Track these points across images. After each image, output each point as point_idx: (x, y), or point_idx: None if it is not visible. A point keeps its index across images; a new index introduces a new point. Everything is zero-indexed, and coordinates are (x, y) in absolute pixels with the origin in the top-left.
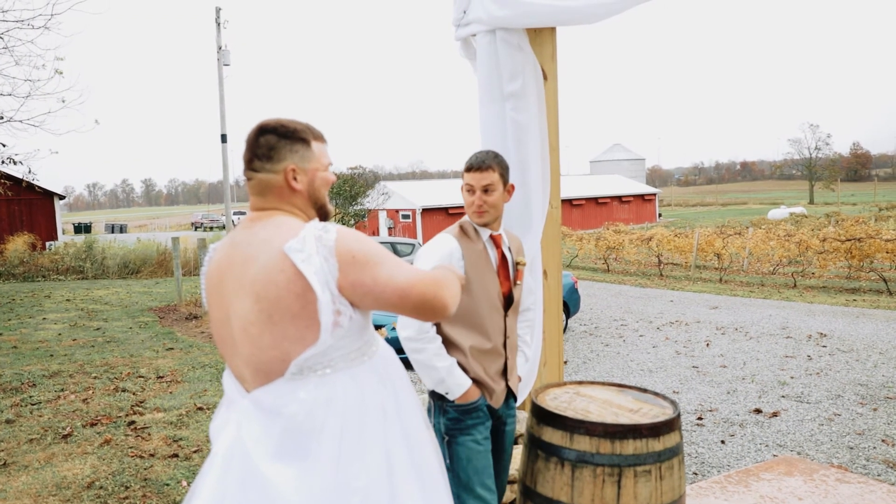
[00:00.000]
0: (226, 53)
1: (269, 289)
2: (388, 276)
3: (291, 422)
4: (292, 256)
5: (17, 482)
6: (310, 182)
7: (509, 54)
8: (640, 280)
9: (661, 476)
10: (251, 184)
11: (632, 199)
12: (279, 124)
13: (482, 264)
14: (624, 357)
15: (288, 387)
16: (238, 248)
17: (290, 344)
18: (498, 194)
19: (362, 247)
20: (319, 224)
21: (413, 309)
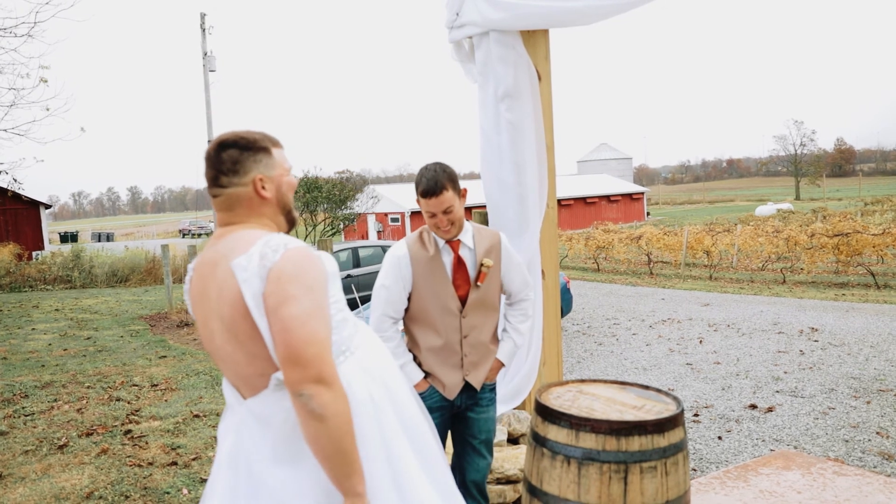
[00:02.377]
0: (211, 59)
1: (224, 309)
2: (291, 314)
3: (281, 430)
4: (237, 275)
5: (14, 494)
6: (277, 188)
7: (503, 56)
8: (630, 279)
9: (666, 472)
10: (219, 200)
11: (620, 199)
12: (238, 137)
13: (433, 270)
14: (618, 356)
15: (273, 397)
16: (207, 267)
17: (261, 362)
18: (457, 208)
19: (294, 273)
20: (276, 242)
21: (282, 358)
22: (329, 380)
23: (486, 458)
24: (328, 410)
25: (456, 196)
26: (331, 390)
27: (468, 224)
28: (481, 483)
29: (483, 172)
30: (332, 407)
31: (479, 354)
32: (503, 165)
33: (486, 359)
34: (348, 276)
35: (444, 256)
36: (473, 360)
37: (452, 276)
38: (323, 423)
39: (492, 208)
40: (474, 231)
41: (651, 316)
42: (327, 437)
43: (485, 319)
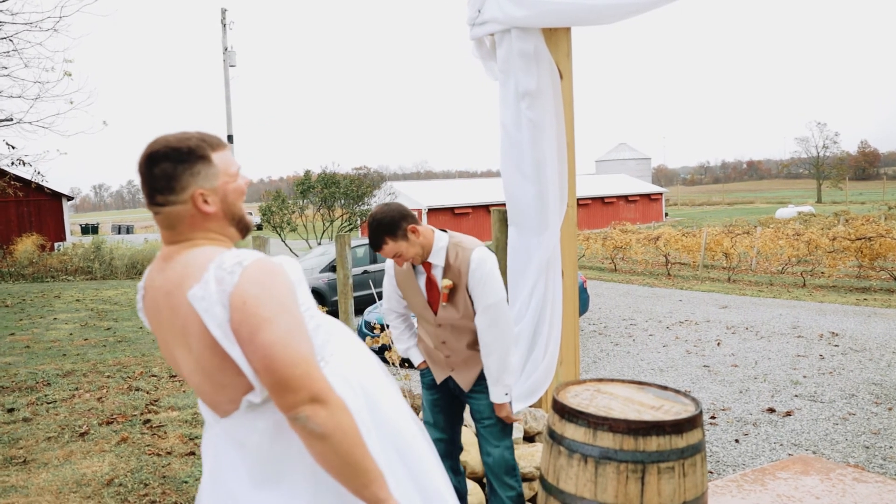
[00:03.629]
0: (232, 54)
1: (191, 341)
2: (270, 340)
3: (257, 453)
4: (196, 306)
5: (38, 479)
6: (223, 200)
7: (524, 53)
8: (648, 280)
9: (684, 473)
10: (159, 219)
11: (638, 199)
12: (169, 147)
13: (410, 285)
14: (634, 356)
15: (246, 418)
16: (160, 294)
17: (230, 390)
18: (405, 249)
19: (260, 295)
20: (230, 262)
21: (269, 386)
22: (323, 396)
23: (491, 443)
24: (329, 427)
25: (401, 242)
26: (327, 407)
27: (442, 241)
28: (495, 467)
29: (503, 170)
30: (331, 423)
31: (460, 358)
32: (523, 163)
33: (470, 362)
34: (365, 272)
35: (418, 276)
36: (456, 361)
37: (426, 293)
38: (326, 441)
39: (511, 206)
40: (449, 249)
41: (668, 317)
42: (334, 453)
43: (461, 332)
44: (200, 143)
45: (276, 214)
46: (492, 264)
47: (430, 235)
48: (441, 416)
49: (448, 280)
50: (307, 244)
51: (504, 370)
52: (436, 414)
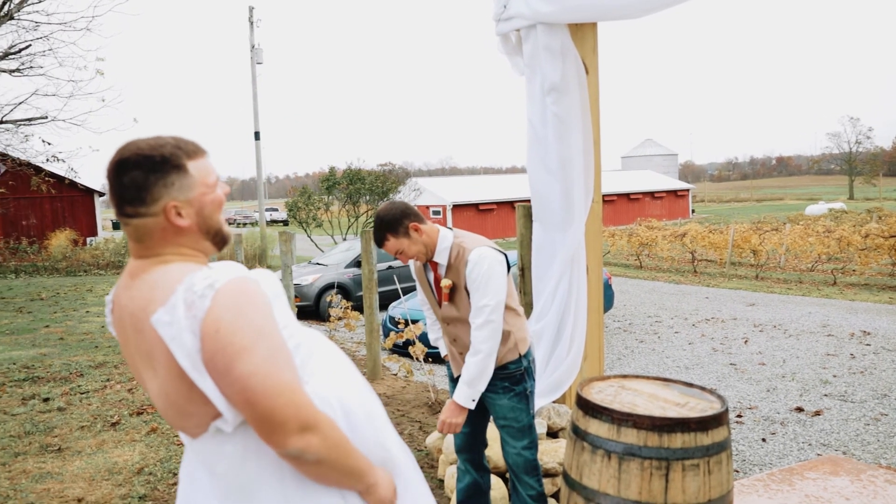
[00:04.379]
0: (259, 52)
1: (156, 367)
2: (248, 371)
3: (225, 479)
4: (161, 333)
5: (72, 466)
6: (198, 212)
7: (550, 49)
8: (673, 276)
9: (709, 471)
10: (128, 230)
11: (664, 195)
12: (141, 155)
13: (422, 282)
14: (659, 354)
15: (214, 442)
16: (125, 312)
17: (197, 418)
18: (407, 246)
19: (235, 321)
20: (200, 284)
21: (251, 420)
22: (312, 422)
23: (508, 443)
24: (323, 452)
25: (402, 239)
26: (318, 433)
27: (447, 240)
28: (514, 467)
29: (529, 165)
30: (325, 447)
31: (467, 358)
32: (549, 159)
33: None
34: (389, 267)
35: (427, 274)
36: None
37: (434, 290)
38: (323, 464)
39: (536, 202)
40: (451, 249)
41: (694, 314)
42: (332, 471)
43: (465, 330)
44: (175, 151)
45: (301, 210)
46: (490, 264)
47: (434, 234)
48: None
49: (448, 280)
50: (332, 240)
51: (482, 374)
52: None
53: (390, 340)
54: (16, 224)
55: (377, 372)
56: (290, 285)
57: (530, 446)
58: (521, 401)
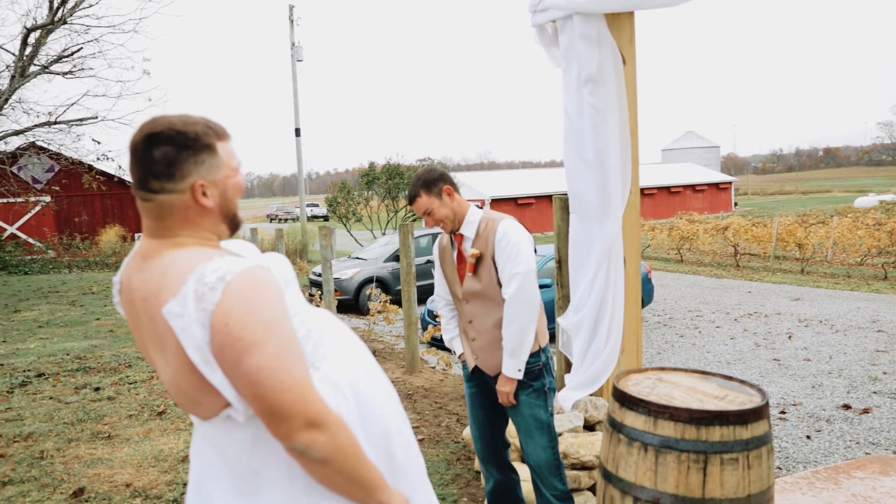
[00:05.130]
0: (299, 49)
1: (168, 357)
2: (257, 365)
3: (235, 463)
4: (172, 324)
5: (120, 453)
6: (221, 194)
7: (587, 39)
8: (715, 271)
9: (748, 465)
10: (148, 206)
11: (706, 188)
12: (175, 131)
13: (447, 260)
14: (700, 348)
15: (224, 427)
16: (136, 296)
17: (208, 407)
18: (436, 208)
19: (245, 315)
20: (212, 276)
21: (260, 414)
22: (320, 420)
23: (528, 442)
24: (329, 452)
25: (434, 199)
26: (325, 431)
27: (475, 215)
28: (535, 467)
29: (565, 157)
30: (332, 447)
31: (485, 340)
32: (585, 150)
33: (495, 346)
34: (428, 261)
35: (452, 249)
36: (481, 344)
37: (457, 266)
38: (328, 465)
39: (573, 194)
40: (479, 222)
41: (736, 309)
42: (337, 474)
43: (486, 308)
44: (207, 130)
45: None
46: (519, 236)
47: (464, 206)
48: (480, 411)
49: (475, 249)
50: (372, 234)
51: (522, 344)
52: (475, 408)
53: (428, 334)
54: (69, 221)
55: (415, 365)
56: (329, 279)
57: (550, 444)
58: (539, 397)
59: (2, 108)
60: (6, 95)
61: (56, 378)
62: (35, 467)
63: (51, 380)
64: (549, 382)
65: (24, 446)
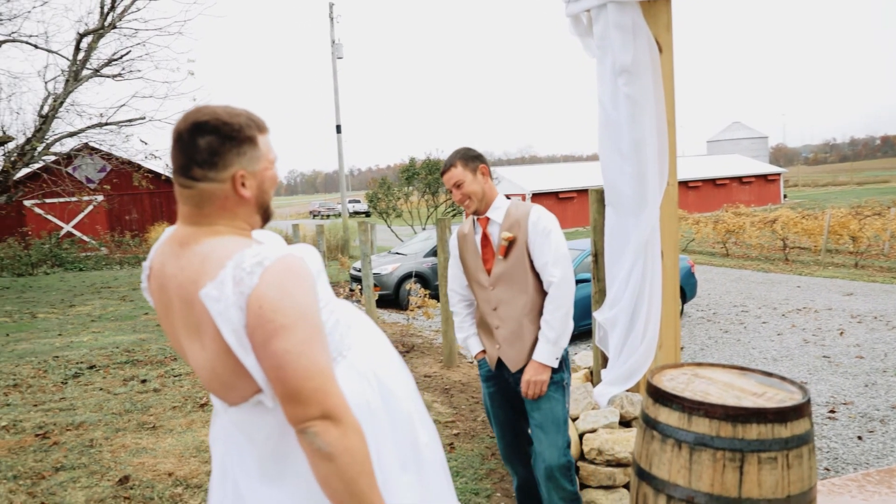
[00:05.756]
0: (339, 47)
1: (204, 340)
2: (283, 348)
3: (264, 447)
4: (209, 307)
5: (164, 443)
6: (259, 185)
7: (621, 27)
8: (762, 265)
9: (788, 464)
10: (189, 193)
11: (753, 180)
12: (220, 121)
13: (468, 247)
14: (745, 344)
15: (254, 412)
16: (171, 282)
17: (240, 391)
18: (468, 183)
19: (279, 299)
20: (250, 261)
21: (280, 396)
22: (335, 414)
23: (542, 441)
24: (336, 448)
25: (468, 172)
26: (338, 426)
27: (503, 201)
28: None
29: (600, 149)
30: (340, 444)
31: (510, 329)
32: (621, 142)
33: (521, 337)
34: None
35: (476, 233)
36: (505, 334)
37: (481, 250)
38: (332, 462)
39: (608, 186)
40: (509, 207)
41: (784, 304)
42: (338, 477)
43: (514, 293)
44: (250, 122)
45: (381, 201)
46: (553, 221)
47: (494, 192)
48: (500, 410)
49: (509, 233)
50: (412, 229)
51: (565, 330)
52: (495, 408)
53: None
54: (120, 219)
55: (453, 359)
56: (368, 274)
57: (565, 443)
58: (558, 390)
59: (57, 111)
60: (61, 99)
61: (106, 370)
62: (85, 455)
63: (101, 372)
64: (567, 378)
65: (76, 434)
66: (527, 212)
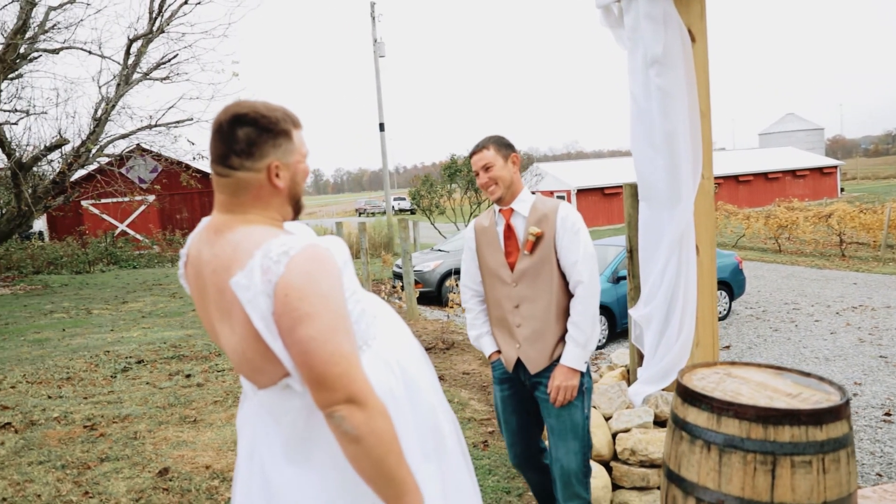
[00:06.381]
0: (381, 45)
1: (234, 325)
2: (308, 335)
3: (291, 430)
4: (239, 295)
5: (204, 436)
6: (292, 177)
7: (652, 17)
8: (817, 261)
9: (824, 469)
10: (225, 182)
11: (808, 173)
12: (258, 114)
13: (489, 240)
14: (795, 343)
15: (282, 395)
16: (206, 268)
17: (269, 375)
18: (498, 168)
19: (304, 287)
20: (277, 250)
21: (307, 381)
22: (360, 398)
23: (560, 447)
24: (362, 431)
25: (499, 157)
26: (363, 409)
27: (529, 195)
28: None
29: (633, 142)
30: (366, 427)
31: (532, 328)
32: (653, 134)
33: (542, 337)
34: None
35: (498, 225)
36: (526, 333)
37: (504, 243)
38: (359, 444)
39: (641, 180)
40: (535, 202)
41: (839, 302)
42: (366, 458)
43: (538, 291)
44: (285, 117)
45: (424, 198)
46: (580, 219)
47: (520, 183)
48: (514, 416)
49: (537, 227)
50: (455, 226)
51: (594, 331)
52: (509, 414)
53: None
54: (171, 217)
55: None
56: (409, 271)
57: (582, 450)
58: (578, 395)
59: (109, 114)
60: (113, 102)
61: (153, 365)
62: (128, 447)
63: (148, 366)
64: (587, 382)
65: (121, 427)
66: (555, 207)
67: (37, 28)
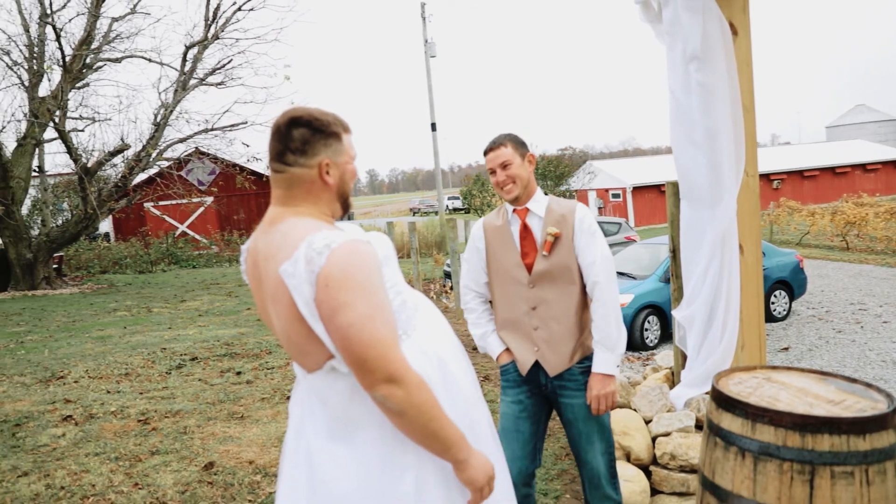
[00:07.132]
0: (432, 46)
1: (280, 310)
2: (347, 322)
3: (335, 410)
4: (286, 282)
5: (249, 432)
6: (340, 176)
7: (691, 11)
8: (888, 259)
9: (867, 481)
10: (281, 177)
11: (879, 167)
12: (312, 117)
13: (502, 240)
14: (860, 345)
15: (328, 378)
16: (261, 258)
17: (314, 357)
18: (516, 166)
19: (342, 278)
20: (320, 242)
21: (349, 364)
22: (398, 376)
23: (587, 450)
24: (404, 406)
25: (516, 155)
26: (402, 387)
27: (542, 196)
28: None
29: (673, 140)
30: (407, 401)
31: (550, 331)
32: (694, 131)
33: (562, 340)
34: None
35: (512, 225)
36: (545, 336)
37: (520, 244)
38: (403, 417)
39: (682, 178)
40: (550, 202)
41: None
42: (411, 427)
43: (556, 293)
44: (336, 122)
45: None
46: (594, 220)
47: (535, 183)
48: (527, 423)
49: (555, 228)
50: None
51: (621, 333)
52: (521, 421)
53: None
54: (228, 219)
55: None
56: (457, 271)
57: (608, 450)
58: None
59: (168, 119)
60: (171, 107)
61: (206, 362)
62: (178, 441)
63: (201, 363)
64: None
65: (172, 422)
66: (572, 208)
67: (101, 39)
